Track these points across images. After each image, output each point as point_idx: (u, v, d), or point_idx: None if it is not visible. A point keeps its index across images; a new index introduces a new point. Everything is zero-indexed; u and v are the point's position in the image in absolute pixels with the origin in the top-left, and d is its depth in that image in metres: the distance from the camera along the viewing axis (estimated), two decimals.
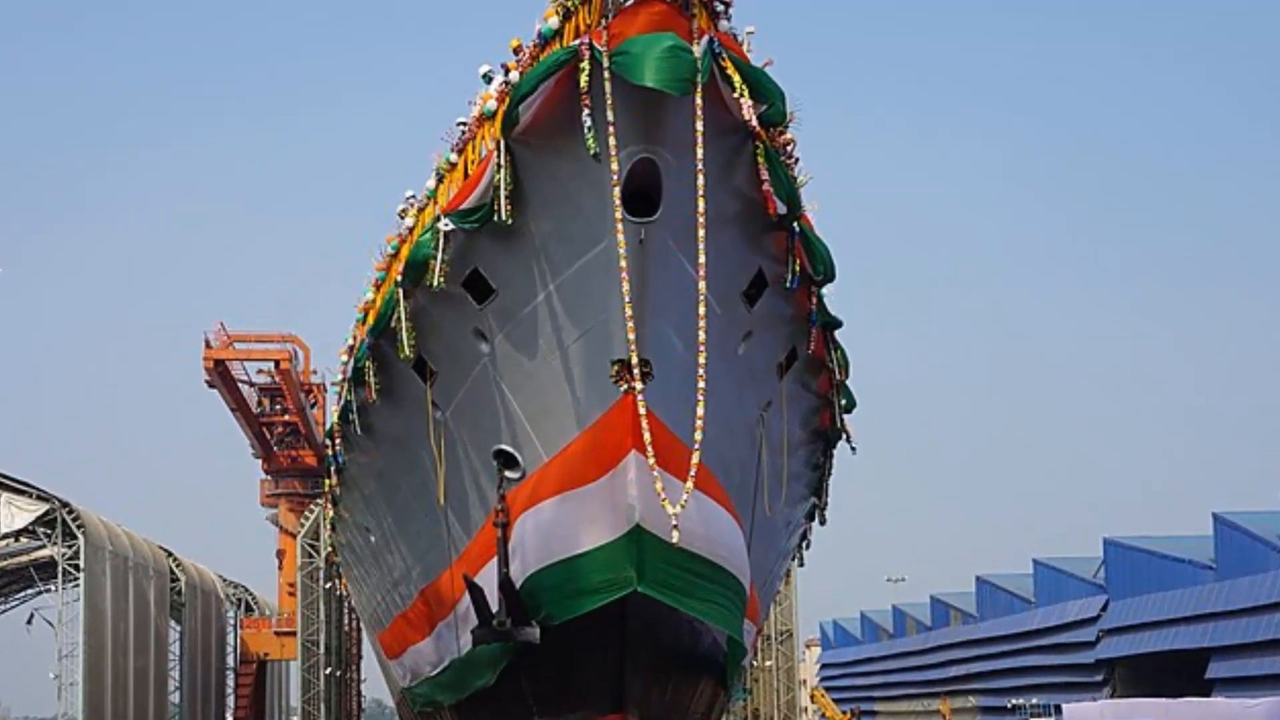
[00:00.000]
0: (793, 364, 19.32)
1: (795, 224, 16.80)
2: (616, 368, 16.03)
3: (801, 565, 28.59)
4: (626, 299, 15.18)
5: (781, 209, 16.22)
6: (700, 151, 14.72)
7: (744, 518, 18.71)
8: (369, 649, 41.24)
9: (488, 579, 18.01)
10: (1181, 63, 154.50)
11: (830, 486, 23.95)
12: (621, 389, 16.01)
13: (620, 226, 14.87)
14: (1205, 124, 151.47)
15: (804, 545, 26.39)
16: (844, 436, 21.65)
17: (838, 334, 19.69)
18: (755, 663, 42.99)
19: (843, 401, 20.98)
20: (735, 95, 15.00)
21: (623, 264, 15.02)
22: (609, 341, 16.07)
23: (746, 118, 15.07)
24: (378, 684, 43.15)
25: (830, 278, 17.99)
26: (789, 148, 16.94)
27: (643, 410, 15.61)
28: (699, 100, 14.59)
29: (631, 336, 15.27)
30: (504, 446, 18.11)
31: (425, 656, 24.10)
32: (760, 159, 15.77)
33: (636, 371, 15.58)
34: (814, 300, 18.34)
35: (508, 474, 18.03)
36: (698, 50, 14.56)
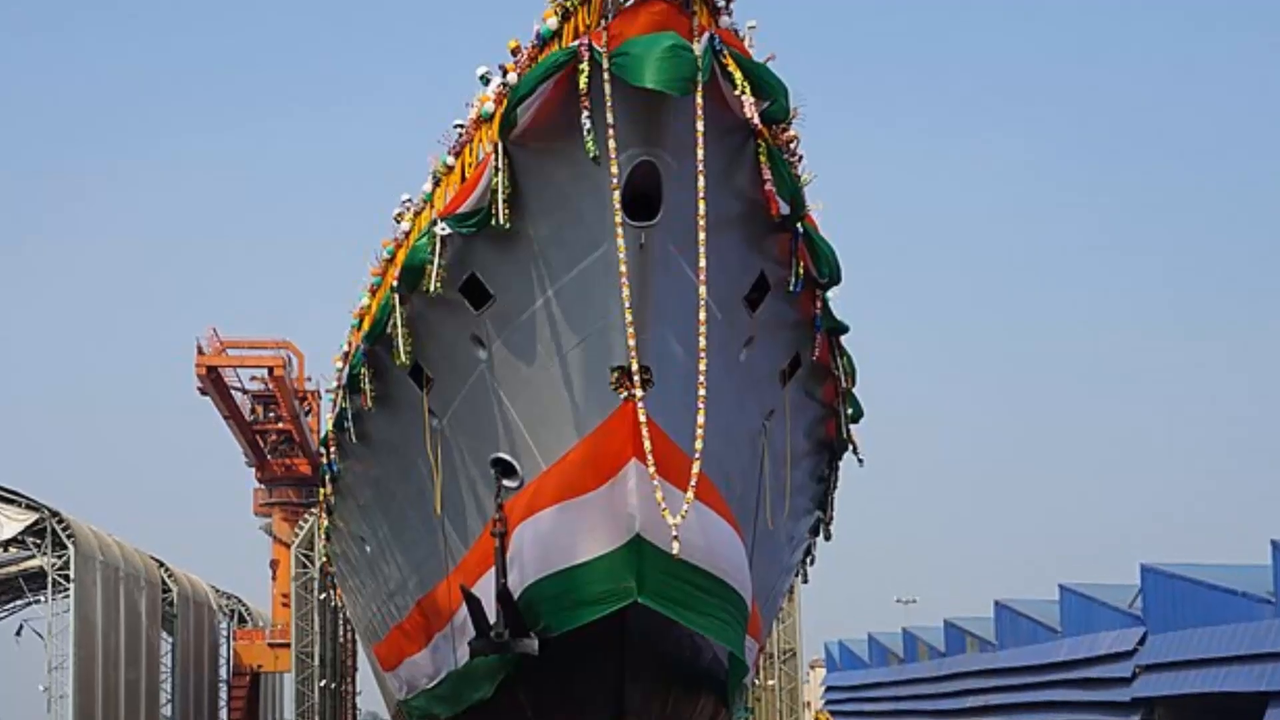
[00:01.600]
0: (796, 371, 18.99)
1: (798, 225, 16.50)
2: (616, 375, 15.77)
3: (805, 582, 27.96)
4: (626, 305, 14.94)
5: (784, 209, 15.91)
6: (701, 152, 14.46)
7: (745, 530, 18.36)
8: (364, 661, 40.96)
9: (485, 589, 17.74)
10: (1235, 39, 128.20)
11: (836, 500, 23.42)
12: (621, 396, 15.77)
13: (620, 231, 14.64)
14: (1256, 114, 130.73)
15: (808, 561, 25.92)
16: (850, 447, 21.25)
17: (844, 340, 19.32)
18: (758, 681, 42.33)
19: (849, 411, 20.55)
20: (737, 93, 14.71)
21: (623, 269, 14.78)
22: (609, 348, 15.84)
23: (748, 115, 14.80)
24: (373, 697, 42.81)
25: (836, 280, 17.63)
26: (792, 145, 16.60)
27: (643, 418, 15.38)
28: (699, 99, 14.32)
29: (632, 343, 15.03)
30: (502, 454, 17.85)
31: (422, 669, 23.83)
32: (762, 158, 15.45)
33: (637, 379, 15.34)
34: (818, 304, 18.02)
35: (505, 483, 17.76)
36: (698, 48, 14.30)
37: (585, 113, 14.35)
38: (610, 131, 14.34)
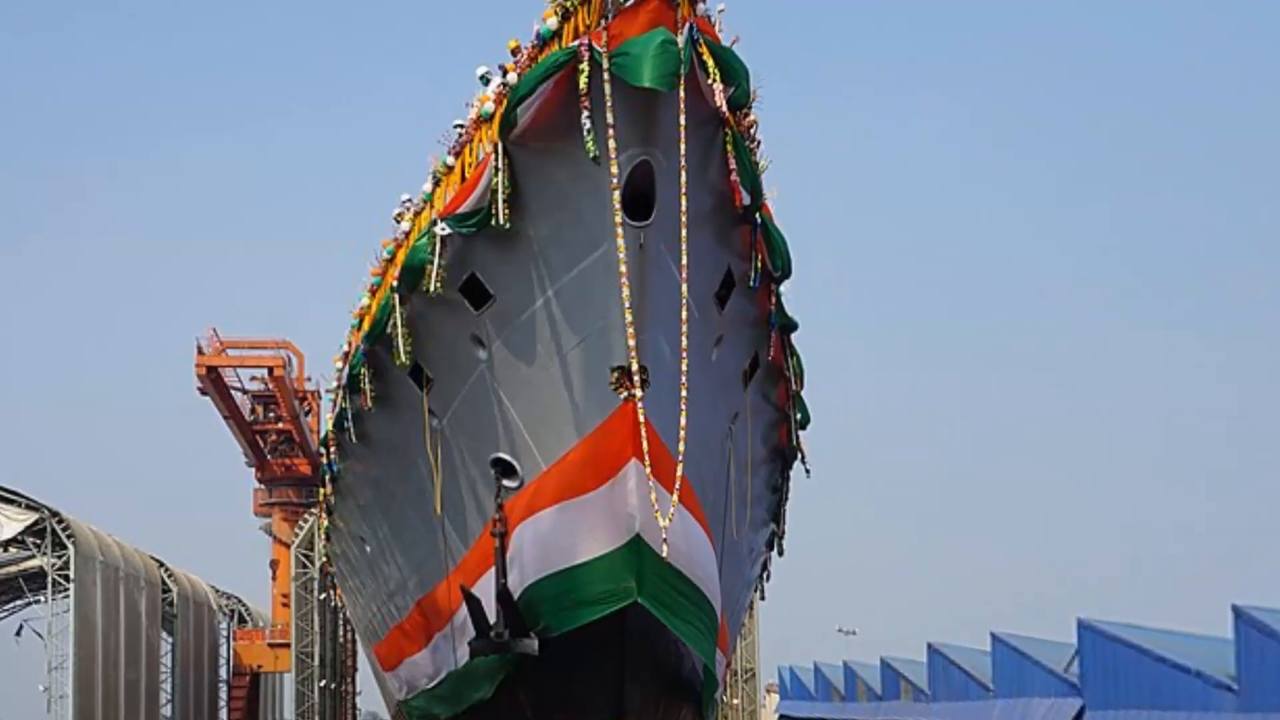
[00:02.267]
0: (755, 372, 18.66)
1: (757, 215, 16.29)
2: (616, 375, 15.79)
3: (764, 599, 27.23)
4: (626, 305, 14.96)
5: (746, 199, 15.78)
6: (683, 146, 14.45)
7: (715, 538, 18.14)
8: (364, 661, 40.95)
9: (485, 590, 17.75)
10: None
11: (788, 513, 22.79)
12: (621, 396, 15.78)
13: (620, 231, 14.65)
14: (1238, 50, 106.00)
15: (765, 577, 25.33)
16: (799, 456, 20.78)
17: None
18: (724, 699, 41.20)
19: (798, 415, 20.17)
20: (710, 81, 14.66)
21: (623, 269, 14.80)
22: (609, 348, 15.84)
23: (719, 104, 14.76)
24: (373, 697, 42.80)
25: (788, 273, 17.34)
26: (752, 131, 16.34)
27: (643, 418, 15.39)
28: (681, 93, 14.30)
29: (632, 343, 15.05)
30: (502, 455, 17.85)
31: (422, 669, 23.82)
32: (728, 146, 15.36)
33: (637, 379, 15.35)
34: (774, 300, 17.76)
35: (505, 483, 17.76)
36: (680, 40, 14.25)
37: (585, 113, 14.36)
38: (610, 131, 14.34)
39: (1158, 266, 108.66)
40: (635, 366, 15.18)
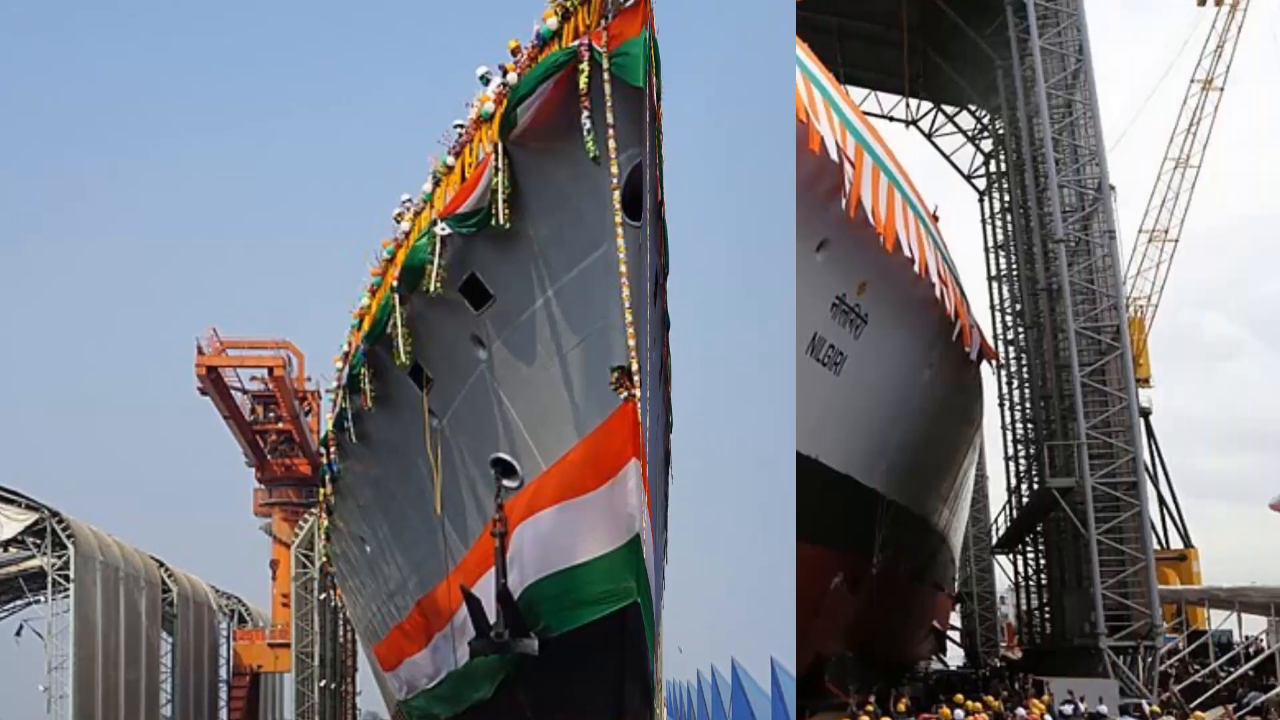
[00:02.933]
0: (662, 372, 18.54)
1: (661, 207, 16.24)
2: (616, 374, 15.79)
3: (663, 608, 26.50)
4: (626, 304, 14.96)
5: (660, 194, 15.78)
6: (649, 141, 14.54)
7: (655, 542, 17.84)
8: (364, 661, 40.93)
9: (485, 590, 17.77)
10: None
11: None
12: (621, 396, 15.78)
13: (620, 231, 14.67)
14: None
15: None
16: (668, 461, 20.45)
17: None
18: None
19: (670, 419, 20.13)
20: (651, 75, 14.68)
21: (623, 269, 14.81)
22: (609, 348, 15.85)
23: (655, 97, 14.79)
24: (373, 697, 42.75)
25: (668, 269, 17.22)
26: (659, 122, 16.08)
27: (641, 418, 15.41)
28: (649, 89, 14.42)
29: (631, 343, 15.05)
30: (502, 455, 17.86)
31: (422, 669, 23.83)
32: (656, 140, 15.37)
33: (637, 379, 15.35)
34: (665, 297, 17.55)
35: (505, 483, 17.78)
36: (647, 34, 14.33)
37: (585, 113, 14.38)
38: (610, 131, 14.36)
39: None
40: (635, 366, 15.19)
